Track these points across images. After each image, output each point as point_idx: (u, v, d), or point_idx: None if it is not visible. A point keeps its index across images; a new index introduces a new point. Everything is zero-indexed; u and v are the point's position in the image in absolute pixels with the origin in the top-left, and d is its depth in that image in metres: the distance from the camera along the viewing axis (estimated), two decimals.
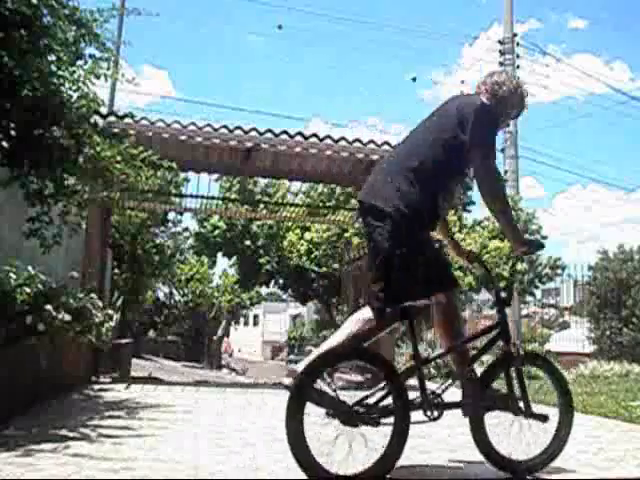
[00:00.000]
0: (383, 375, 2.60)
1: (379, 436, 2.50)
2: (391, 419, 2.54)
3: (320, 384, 2.49)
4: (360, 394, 2.59)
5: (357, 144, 7.57)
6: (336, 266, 17.69)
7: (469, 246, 16.15)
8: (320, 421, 2.46)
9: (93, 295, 5.27)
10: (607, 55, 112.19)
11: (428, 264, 2.81)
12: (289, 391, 2.47)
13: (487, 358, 4.11)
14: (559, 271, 19.24)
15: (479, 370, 3.08)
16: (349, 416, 2.51)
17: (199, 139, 7.30)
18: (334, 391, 2.51)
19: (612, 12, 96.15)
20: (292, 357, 36.04)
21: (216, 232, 21.84)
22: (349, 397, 2.54)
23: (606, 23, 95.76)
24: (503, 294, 3.04)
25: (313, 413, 2.43)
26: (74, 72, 4.16)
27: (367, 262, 3.53)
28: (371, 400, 2.58)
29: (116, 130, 6.52)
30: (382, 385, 2.62)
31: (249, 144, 7.42)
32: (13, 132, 3.74)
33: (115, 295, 9.10)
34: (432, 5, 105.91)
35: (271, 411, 5.03)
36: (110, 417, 4.25)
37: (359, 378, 8.51)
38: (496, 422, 2.85)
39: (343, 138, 7.59)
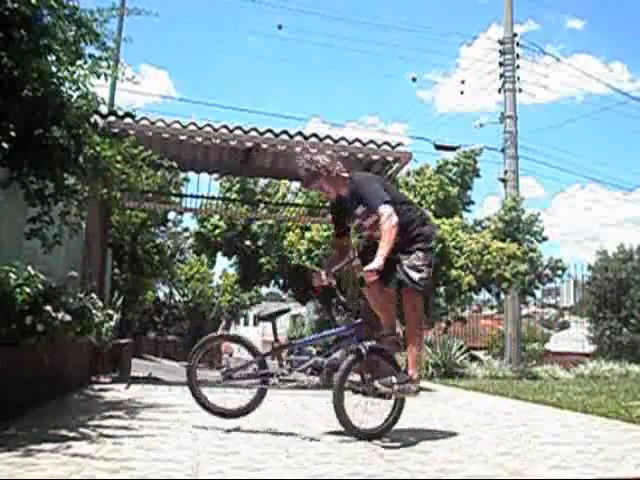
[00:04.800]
0: None
1: None
2: None
3: None
4: None
5: (357, 144, 7.58)
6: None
7: (470, 246, 16.16)
8: None
9: (93, 295, 5.27)
10: (605, 56, 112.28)
11: None
12: None
13: None
14: (559, 272, 19.24)
15: None
16: None
17: (199, 139, 7.30)
18: None
19: (610, 12, 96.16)
20: (292, 357, 35.99)
21: (216, 232, 21.82)
22: None
23: (604, 23, 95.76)
24: None
25: None
26: (74, 72, 4.15)
27: None
28: None
29: (116, 130, 6.53)
30: None
31: (249, 144, 7.42)
32: (13, 133, 3.74)
33: (115, 295, 9.09)
34: (431, 5, 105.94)
35: (271, 411, 5.03)
36: (110, 417, 4.25)
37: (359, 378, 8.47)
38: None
39: (343, 138, 7.59)
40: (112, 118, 6.82)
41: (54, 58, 4.05)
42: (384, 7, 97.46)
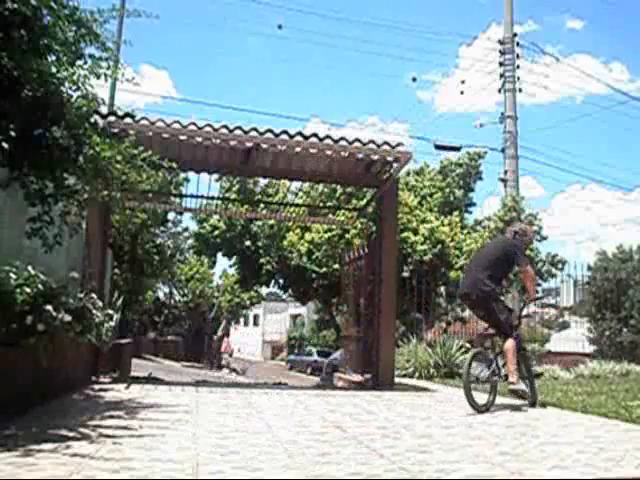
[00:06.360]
0: None
1: None
2: None
3: None
4: None
5: (357, 144, 7.57)
6: (336, 266, 17.68)
7: (469, 246, 16.13)
8: None
9: (93, 295, 5.27)
10: (605, 56, 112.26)
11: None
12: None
13: None
14: (559, 265, 19.19)
15: None
16: None
17: (199, 139, 7.29)
18: None
19: (610, 12, 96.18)
20: (292, 357, 35.93)
21: (216, 232, 21.83)
22: None
23: (604, 23, 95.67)
24: None
25: None
26: (74, 72, 4.15)
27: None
28: None
29: (116, 130, 6.53)
30: None
31: (249, 144, 7.42)
32: (13, 133, 3.74)
33: (115, 295, 9.09)
34: (431, 5, 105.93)
35: (271, 411, 5.04)
36: (110, 417, 4.25)
37: (359, 378, 8.52)
38: None
39: (343, 138, 7.58)
40: (112, 118, 6.81)
41: (54, 58, 4.05)
42: (384, 7, 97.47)
